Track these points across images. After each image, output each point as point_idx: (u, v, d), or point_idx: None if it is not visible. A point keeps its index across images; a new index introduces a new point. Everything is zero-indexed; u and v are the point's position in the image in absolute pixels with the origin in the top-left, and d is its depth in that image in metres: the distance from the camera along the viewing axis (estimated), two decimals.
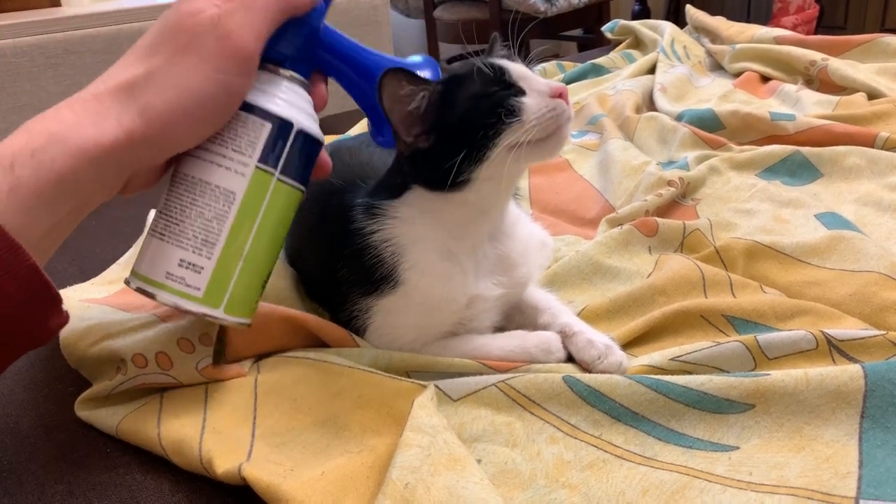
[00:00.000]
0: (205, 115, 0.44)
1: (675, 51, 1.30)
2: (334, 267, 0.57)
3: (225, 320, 0.47)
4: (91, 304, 0.62)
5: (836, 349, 0.51)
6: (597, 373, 0.52)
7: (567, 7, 2.51)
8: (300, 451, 0.47)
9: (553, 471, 0.45)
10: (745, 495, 0.41)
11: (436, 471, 0.42)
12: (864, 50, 1.18)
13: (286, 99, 0.48)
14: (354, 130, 1.07)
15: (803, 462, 0.43)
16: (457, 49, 3.08)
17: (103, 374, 0.54)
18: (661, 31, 1.36)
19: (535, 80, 0.52)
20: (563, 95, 0.52)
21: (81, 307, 0.61)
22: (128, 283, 0.47)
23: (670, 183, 0.80)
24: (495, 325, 0.59)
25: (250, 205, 0.46)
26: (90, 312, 0.59)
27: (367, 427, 0.48)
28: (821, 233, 0.69)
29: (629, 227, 0.71)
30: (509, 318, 0.60)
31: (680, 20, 1.52)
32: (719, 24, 1.36)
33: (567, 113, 0.52)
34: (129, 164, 0.43)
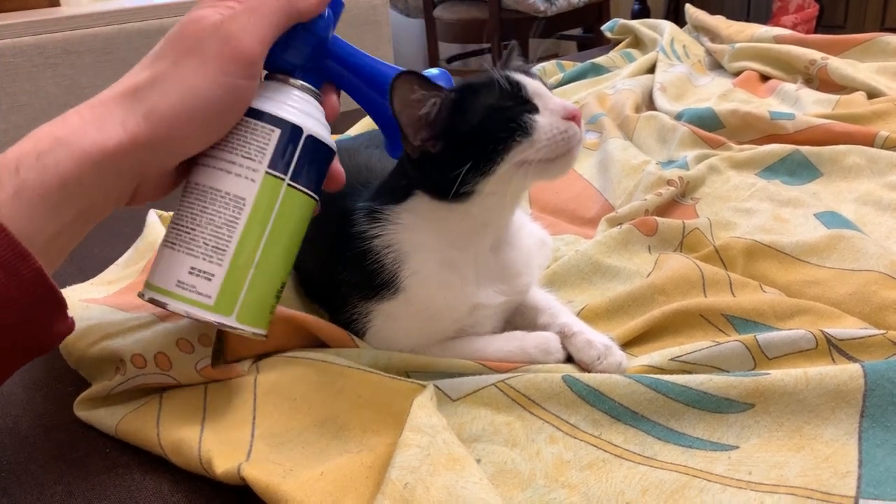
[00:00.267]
0: (210, 118, 0.44)
1: (674, 50, 1.30)
2: (335, 270, 0.57)
3: (238, 329, 0.46)
4: (90, 303, 0.62)
5: (835, 348, 0.51)
6: (596, 373, 0.52)
7: (567, 6, 2.51)
8: (299, 451, 0.47)
9: (552, 470, 0.45)
10: (744, 494, 0.41)
11: (435, 471, 0.42)
12: (863, 49, 1.18)
13: (296, 106, 0.48)
14: (354, 130, 1.07)
15: (803, 461, 0.43)
16: (456, 49, 3.08)
17: (102, 374, 0.54)
18: (661, 30, 1.36)
19: (551, 99, 0.52)
20: (577, 118, 0.51)
21: (80, 307, 0.60)
22: (141, 295, 0.47)
23: (670, 182, 0.80)
24: (496, 330, 0.59)
25: (261, 211, 0.46)
26: (89, 312, 0.59)
27: (367, 427, 0.48)
28: (820, 232, 0.69)
29: (629, 227, 0.71)
30: (508, 318, 0.60)
31: (679, 19, 1.52)
32: (719, 23, 1.36)
33: (578, 136, 0.51)
34: (135, 169, 0.43)
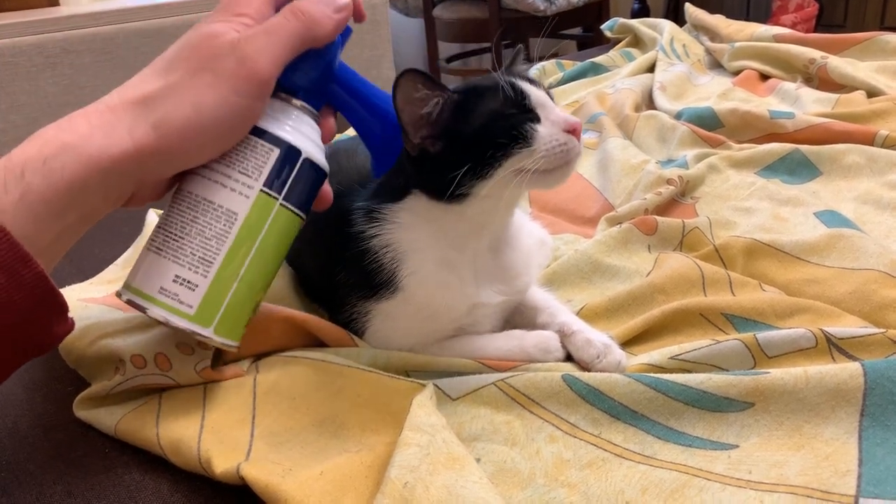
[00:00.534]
0: (217, 134, 0.45)
1: (674, 49, 1.30)
2: (333, 269, 0.57)
3: (212, 340, 0.47)
4: (89, 303, 0.62)
5: (835, 347, 0.51)
6: (596, 372, 0.52)
7: (566, 6, 2.51)
8: (299, 451, 0.47)
9: (552, 469, 0.45)
10: (744, 494, 0.41)
11: (435, 470, 0.42)
12: (863, 48, 1.18)
13: (296, 128, 0.48)
14: (353, 130, 1.06)
15: (803, 460, 0.43)
16: (456, 48, 3.08)
17: (102, 374, 0.54)
18: (661, 29, 1.36)
19: (553, 110, 0.52)
20: (576, 132, 0.52)
21: (80, 306, 0.60)
22: (119, 294, 0.47)
23: (669, 181, 0.80)
24: (495, 329, 0.59)
25: (251, 227, 0.46)
26: (88, 312, 0.59)
27: (366, 426, 0.48)
28: (820, 231, 0.68)
29: (628, 226, 0.71)
30: (507, 317, 0.60)
31: (679, 18, 1.52)
32: (718, 22, 1.36)
33: (577, 149, 0.52)
34: (137, 176, 0.43)
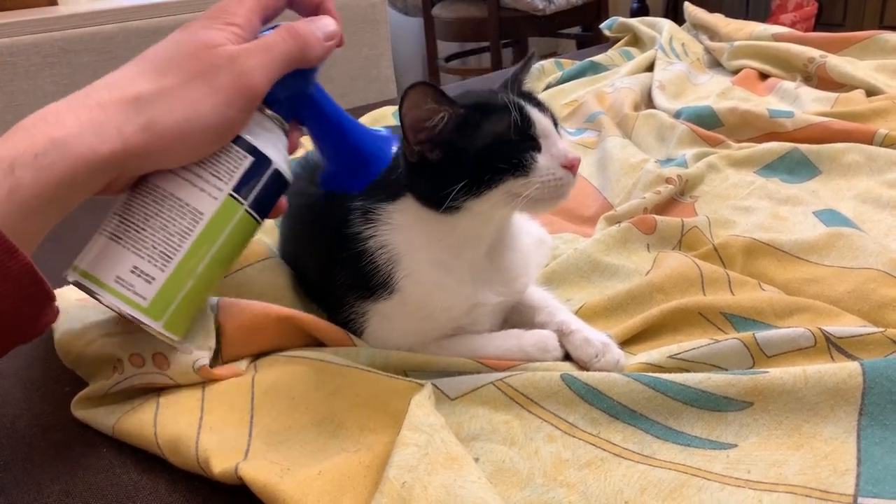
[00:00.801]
0: (203, 141, 0.46)
1: (673, 48, 1.30)
2: (331, 269, 0.57)
3: (160, 333, 0.48)
4: (87, 303, 0.62)
5: (834, 346, 0.51)
6: (594, 371, 0.52)
7: (565, 5, 2.51)
8: (297, 450, 0.46)
9: (551, 469, 0.45)
10: (743, 493, 0.41)
11: (433, 469, 0.42)
12: (862, 47, 1.18)
13: (269, 139, 0.50)
14: None
15: (802, 459, 0.43)
16: (455, 47, 3.08)
17: (100, 373, 0.54)
18: (660, 28, 1.36)
19: (556, 142, 0.53)
20: (574, 167, 0.52)
21: (77, 306, 0.60)
22: (66, 275, 0.48)
23: (668, 180, 0.80)
24: (494, 328, 0.59)
25: (214, 228, 0.48)
26: (86, 311, 0.59)
27: (365, 426, 0.48)
28: (819, 230, 0.68)
29: (627, 225, 0.71)
30: (506, 316, 0.60)
31: (678, 17, 1.52)
32: (718, 21, 1.36)
33: (571, 185, 0.53)
34: (119, 172, 0.44)
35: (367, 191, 0.57)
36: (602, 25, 1.53)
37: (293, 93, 0.52)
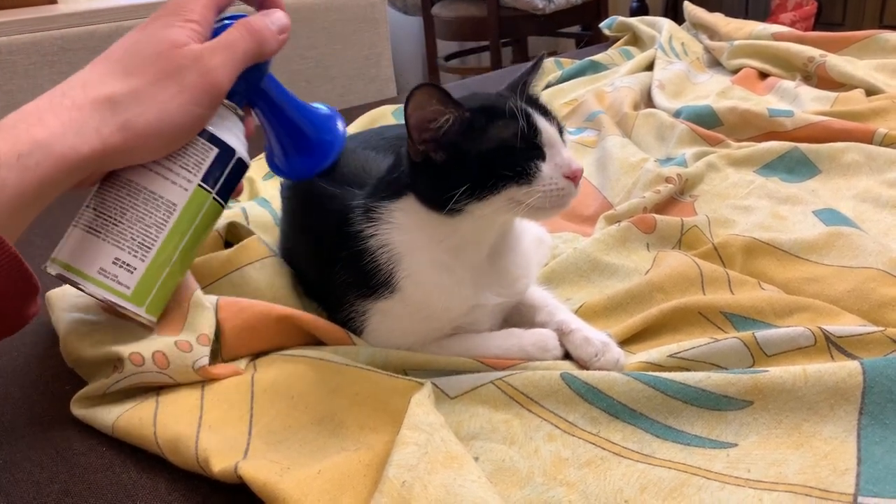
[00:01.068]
0: (173, 138, 0.48)
1: (673, 47, 1.30)
2: (332, 268, 0.57)
3: (142, 318, 0.51)
4: (87, 303, 0.62)
5: (834, 346, 0.51)
6: (594, 370, 0.52)
7: (565, 4, 2.51)
8: (297, 449, 0.46)
9: (551, 468, 0.45)
10: (743, 492, 0.41)
11: (433, 469, 0.42)
12: (862, 46, 1.18)
13: (230, 129, 0.53)
14: (352, 129, 1.06)
15: (802, 459, 0.43)
16: (454, 46, 3.08)
17: (100, 372, 0.54)
18: (659, 27, 1.36)
19: (560, 152, 0.53)
20: (576, 178, 0.52)
21: (78, 307, 0.60)
22: (46, 268, 0.49)
23: (668, 180, 0.80)
24: (494, 327, 0.59)
25: (186, 218, 0.51)
26: (87, 313, 0.59)
27: (365, 425, 0.48)
28: (819, 229, 0.68)
29: (627, 224, 0.71)
30: (506, 316, 0.60)
31: (678, 17, 1.52)
32: (717, 20, 1.36)
33: (572, 196, 0.53)
34: (95, 169, 0.46)
35: (370, 189, 0.57)
36: (602, 25, 1.53)
37: (249, 85, 0.55)
